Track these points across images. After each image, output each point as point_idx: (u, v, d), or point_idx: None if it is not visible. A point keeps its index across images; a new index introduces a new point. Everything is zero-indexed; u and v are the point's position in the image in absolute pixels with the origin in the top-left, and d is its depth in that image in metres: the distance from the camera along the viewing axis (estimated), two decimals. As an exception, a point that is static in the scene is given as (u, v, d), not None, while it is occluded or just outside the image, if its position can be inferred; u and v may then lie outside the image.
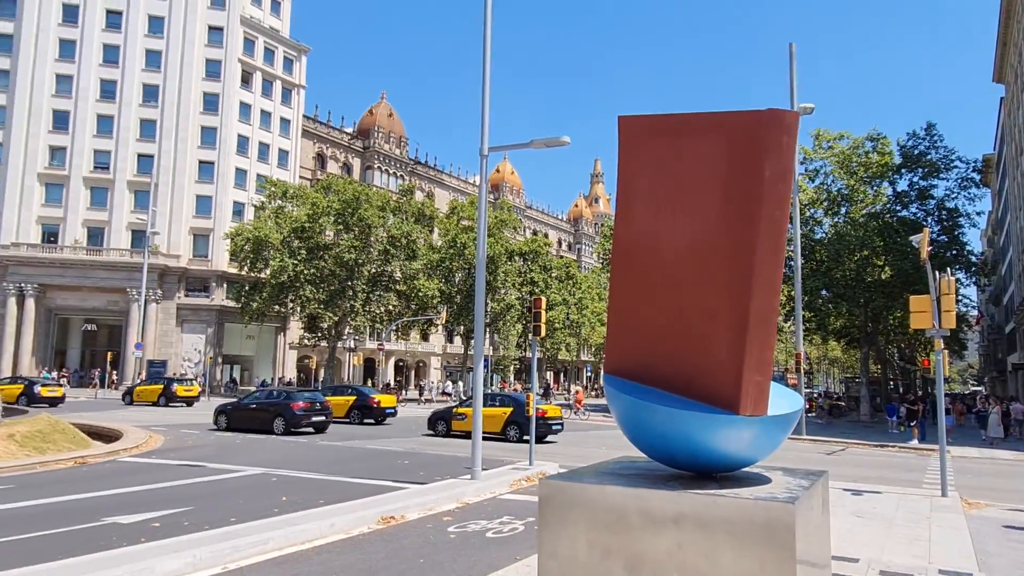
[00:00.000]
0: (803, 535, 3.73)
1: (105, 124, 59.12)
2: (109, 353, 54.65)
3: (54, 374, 50.40)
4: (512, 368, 75.26)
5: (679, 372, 4.35)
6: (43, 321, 55.67)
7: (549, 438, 23.09)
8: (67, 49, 58.67)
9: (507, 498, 11.43)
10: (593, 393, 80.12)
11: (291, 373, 64.72)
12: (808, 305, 41.33)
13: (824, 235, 44.61)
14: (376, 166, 77.35)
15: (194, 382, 42.30)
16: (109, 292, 56.27)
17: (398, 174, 78.71)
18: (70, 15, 58.95)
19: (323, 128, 74.22)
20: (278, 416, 22.74)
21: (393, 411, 29.96)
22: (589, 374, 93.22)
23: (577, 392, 46.87)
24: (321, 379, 60.15)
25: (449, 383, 65.47)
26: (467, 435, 22.42)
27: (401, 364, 77.73)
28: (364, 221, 53.39)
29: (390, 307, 57.74)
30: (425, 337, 75.41)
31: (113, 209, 58.31)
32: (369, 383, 64.32)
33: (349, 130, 78.21)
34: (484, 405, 23.39)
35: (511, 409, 22.64)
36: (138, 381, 44.76)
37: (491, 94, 12.79)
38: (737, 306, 4.07)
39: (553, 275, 62.67)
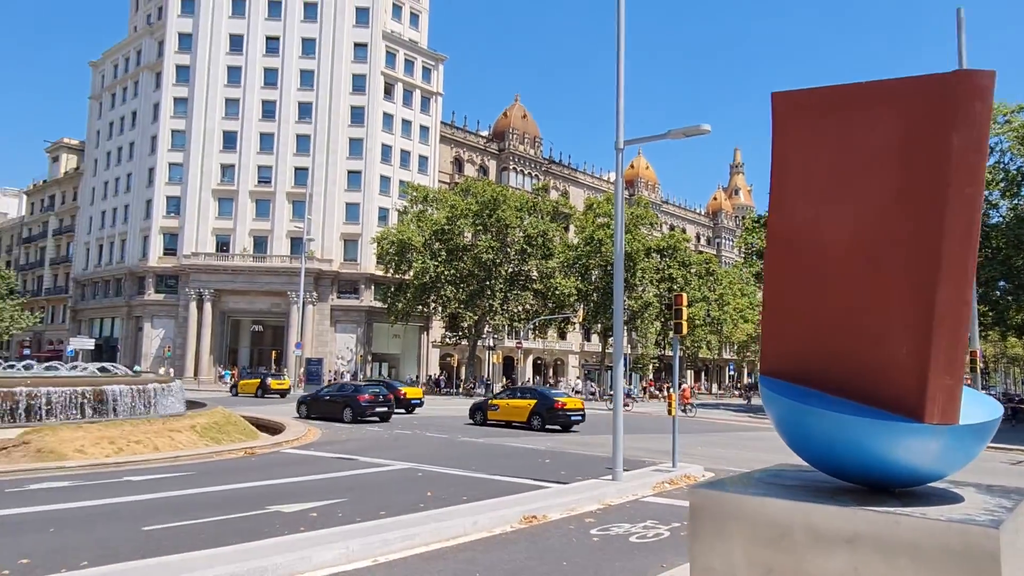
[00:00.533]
0: (1009, 565, 3.20)
1: (267, 141, 64.30)
2: (274, 351, 59.42)
3: (234, 370, 55.75)
4: (651, 366, 73.71)
5: (849, 374, 3.90)
6: (218, 323, 61.44)
7: (574, 428, 24.72)
8: (234, 75, 64.37)
9: (650, 501, 11.07)
10: (736, 392, 76.76)
11: (434, 371, 67.14)
12: (983, 298, 37.18)
13: (1001, 219, 39.98)
14: (511, 167, 78.52)
15: (284, 376, 47.62)
16: (272, 295, 61.15)
17: (533, 174, 79.43)
18: (236, 45, 64.63)
19: (460, 133, 76.40)
20: (347, 406, 25.36)
21: None
22: (732, 372, 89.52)
23: (684, 388, 45.20)
24: (463, 377, 61.88)
25: (582, 381, 65.21)
26: (500, 423, 25.53)
27: (539, 362, 78.38)
28: (502, 221, 54.37)
29: (527, 306, 58.42)
30: (563, 335, 75.59)
31: (274, 219, 63.29)
32: (506, 381, 65.39)
33: (484, 133, 79.97)
34: (514, 398, 26.40)
35: (535, 401, 24.87)
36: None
37: (624, 85, 12.46)
38: (921, 298, 3.57)
39: (692, 271, 60.74)
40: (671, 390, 14.84)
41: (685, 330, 13.63)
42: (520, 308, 58.30)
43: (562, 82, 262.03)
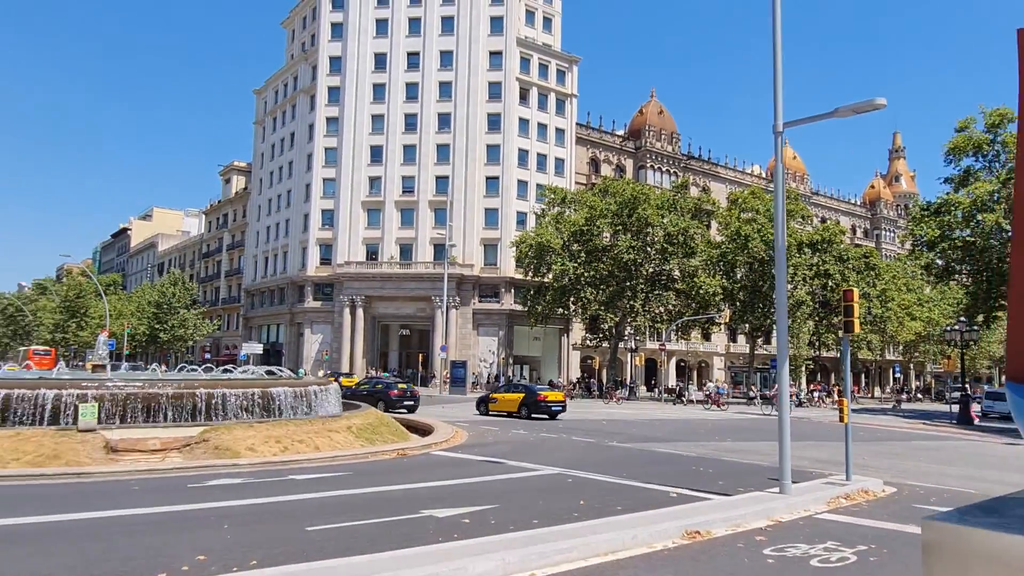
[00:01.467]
0: None
1: (409, 153, 67.01)
2: (420, 354, 61.66)
3: (385, 374, 58.49)
4: (804, 368, 69.13)
5: None
6: (370, 328, 64.69)
7: (560, 416, 29.64)
8: (379, 92, 67.69)
9: (826, 518, 10.02)
10: (905, 396, 70.20)
11: (575, 373, 66.83)
12: None
13: None
14: (649, 165, 76.81)
15: (353, 375, 50.42)
16: (417, 300, 63.52)
17: (671, 171, 77.22)
18: (380, 63, 67.93)
19: (595, 133, 75.75)
20: (380, 400, 29.23)
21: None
22: (898, 375, 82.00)
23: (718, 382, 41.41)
24: (604, 380, 61.04)
25: (729, 385, 62.17)
26: (500, 414, 29.93)
27: (683, 364, 75.92)
28: (642, 220, 53.17)
29: (670, 306, 56.67)
30: (707, 337, 72.72)
31: (418, 227, 65.77)
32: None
33: (620, 132, 78.79)
34: (508, 392, 31.56)
35: (523, 395, 30.22)
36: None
37: (782, 63, 11.44)
38: None
39: (850, 266, 56.19)
40: (840, 394, 13.47)
41: (858, 327, 12.31)
42: (662, 309, 56.66)
43: (698, 75, 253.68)
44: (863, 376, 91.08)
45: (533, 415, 28.93)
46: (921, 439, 26.75)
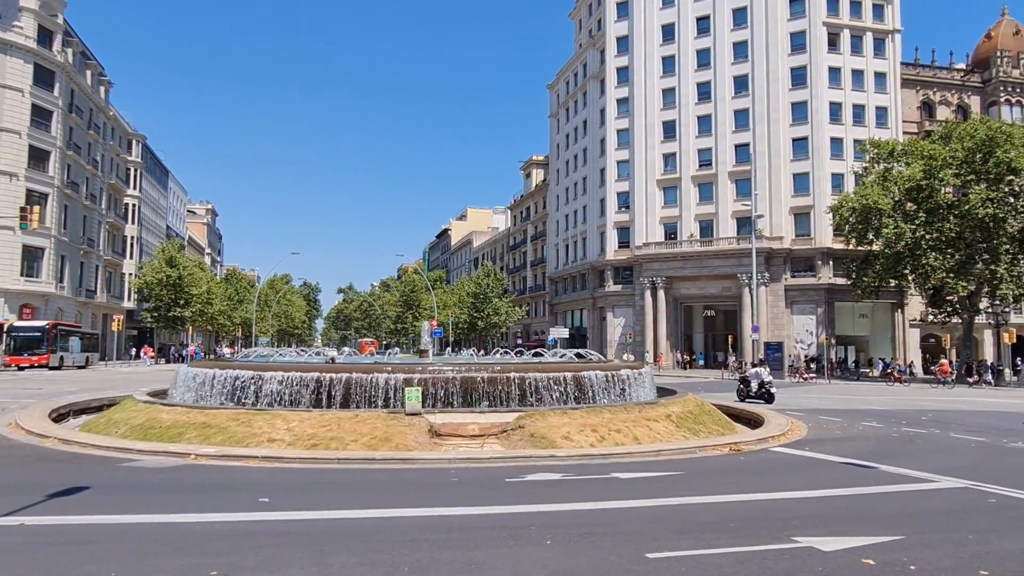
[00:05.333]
0: None
1: (704, 124, 63.10)
2: (729, 335, 57.70)
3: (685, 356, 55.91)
4: None
5: None
6: (672, 309, 62.40)
7: None
8: (668, 65, 64.83)
9: None
10: None
11: (913, 354, 57.06)
12: None
13: None
14: (1003, 99, 62.75)
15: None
16: (721, 279, 59.52)
17: (1038, 103, 61.86)
18: (668, 34, 65.04)
19: (926, 72, 63.85)
20: None
21: None
22: None
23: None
24: (955, 360, 50.75)
25: None
26: None
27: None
28: (1002, 165, 42.98)
29: (1048, 269, 45.03)
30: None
31: (718, 201, 61.64)
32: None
33: (961, 66, 65.47)
34: None
35: None
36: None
37: None
38: None
39: None
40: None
41: None
42: (1036, 272, 45.26)
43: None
44: None
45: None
46: None
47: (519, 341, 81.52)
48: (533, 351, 31.21)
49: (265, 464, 11.53)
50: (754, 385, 24.87)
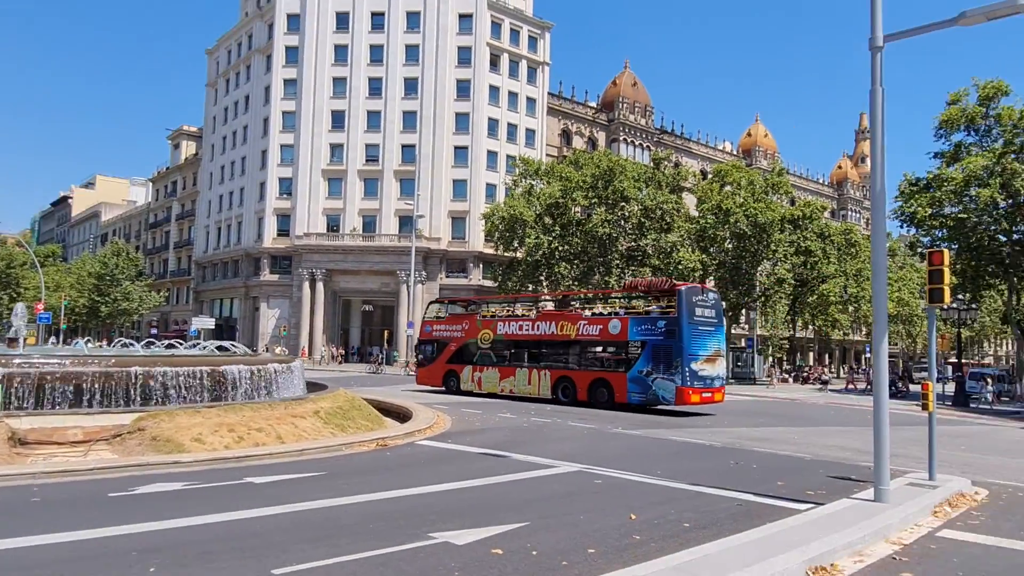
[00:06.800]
0: None
1: (374, 120, 63.37)
2: (385, 331, 58.70)
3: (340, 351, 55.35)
4: (781, 348, 68.24)
5: None
6: (330, 302, 61.38)
7: None
8: (341, 53, 63.67)
9: (952, 537, 7.81)
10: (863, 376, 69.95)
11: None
12: None
13: None
14: (621, 138, 74.61)
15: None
16: (381, 275, 60.40)
17: (644, 145, 75.19)
18: (342, 22, 63.83)
19: (567, 104, 73.13)
20: None
21: None
22: (868, 355, 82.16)
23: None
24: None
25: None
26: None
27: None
28: (618, 193, 51.02)
29: (646, 283, 54.78)
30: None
31: (383, 197, 62.43)
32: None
33: (593, 104, 76.32)
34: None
35: None
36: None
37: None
38: None
39: (830, 242, 54.97)
40: (926, 377, 11.37)
41: (947, 298, 10.12)
42: (637, 286, 54.76)
43: (674, 43, 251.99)
44: (826, 355, 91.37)
45: None
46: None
47: (154, 331, 72.61)
48: (167, 343, 27.60)
49: None
50: None
